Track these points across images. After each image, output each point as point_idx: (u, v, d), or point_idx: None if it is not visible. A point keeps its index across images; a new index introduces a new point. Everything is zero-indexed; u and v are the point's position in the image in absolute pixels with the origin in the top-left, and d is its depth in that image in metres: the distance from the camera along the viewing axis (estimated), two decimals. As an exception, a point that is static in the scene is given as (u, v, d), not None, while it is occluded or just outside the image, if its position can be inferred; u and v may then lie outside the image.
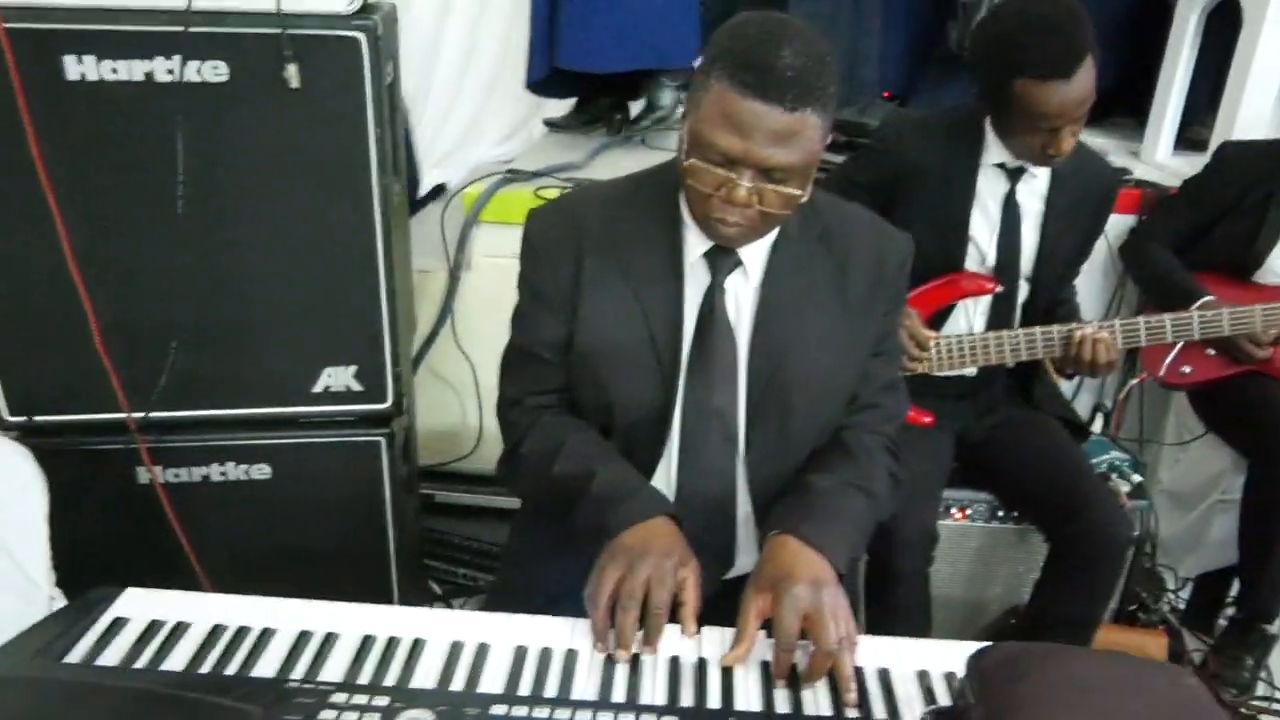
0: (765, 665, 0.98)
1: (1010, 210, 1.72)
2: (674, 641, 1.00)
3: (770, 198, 1.02)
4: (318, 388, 1.54)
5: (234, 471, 1.57)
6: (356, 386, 1.54)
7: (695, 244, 1.14)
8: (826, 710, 0.92)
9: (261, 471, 1.58)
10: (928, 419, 1.80)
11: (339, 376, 1.53)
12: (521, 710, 0.86)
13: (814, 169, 1.05)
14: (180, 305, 1.44)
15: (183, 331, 1.44)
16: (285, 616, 1.03)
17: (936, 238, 1.74)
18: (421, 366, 2.24)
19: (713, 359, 1.15)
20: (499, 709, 0.86)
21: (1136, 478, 1.85)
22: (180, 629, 1.00)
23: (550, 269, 1.16)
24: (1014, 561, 1.87)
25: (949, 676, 0.96)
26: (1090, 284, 2.40)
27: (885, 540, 1.61)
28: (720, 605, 1.05)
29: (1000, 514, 1.84)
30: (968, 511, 1.84)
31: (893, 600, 1.63)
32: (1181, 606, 2.28)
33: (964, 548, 1.86)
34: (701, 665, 0.97)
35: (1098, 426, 2.28)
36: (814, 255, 1.17)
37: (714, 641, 1.00)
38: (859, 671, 0.96)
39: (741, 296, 1.16)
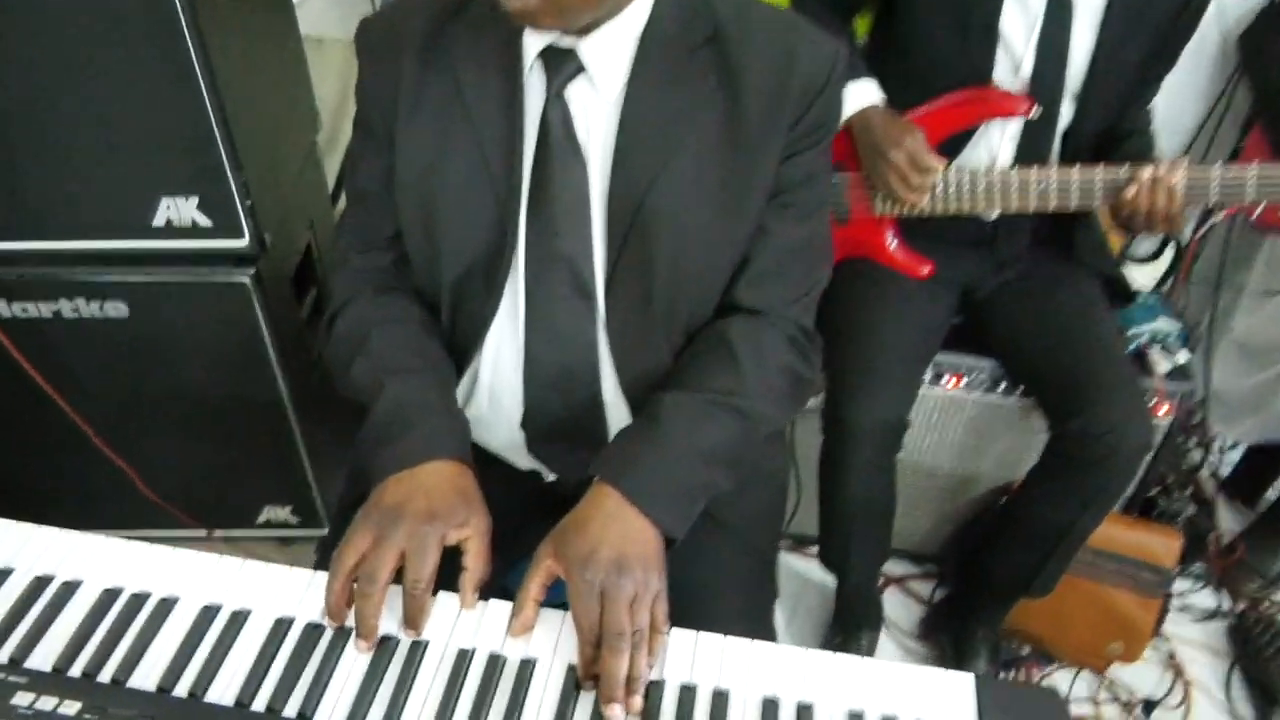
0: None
1: (1058, 2, 1.29)
2: (465, 631, 0.83)
3: None
4: (158, 220, 1.32)
5: (86, 308, 1.41)
6: (204, 220, 1.32)
7: (532, 43, 0.91)
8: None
9: (117, 309, 1.42)
10: (925, 269, 1.51)
11: (180, 209, 1.31)
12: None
13: None
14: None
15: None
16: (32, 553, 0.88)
17: (955, 38, 1.36)
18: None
19: (556, 191, 0.93)
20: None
21: (1182, 355, 1.55)
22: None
23: (372, 87, 0.98)
24: (1012, 437, 1.63)
25: (803, 711, 0.77)
26: (1191, 82, 1.93)
27: (838, 430, 1.40)
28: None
29: (1003, 386, 1.57)
30: (964, 379, 1.58)
31: (845, 494, 1.44)
32: (1226, 472, 2.04)
33: (956, 418, 1.63)
34: (495, 664, 0.80)
35: (1167, 259, 1.92)
36: (697, 64, 0.91)
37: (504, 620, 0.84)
38: (657, 686, 0.78)
39: (596, 114, 0.92)
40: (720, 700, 0.77)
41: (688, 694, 0.78)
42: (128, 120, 1.22)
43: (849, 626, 1.67)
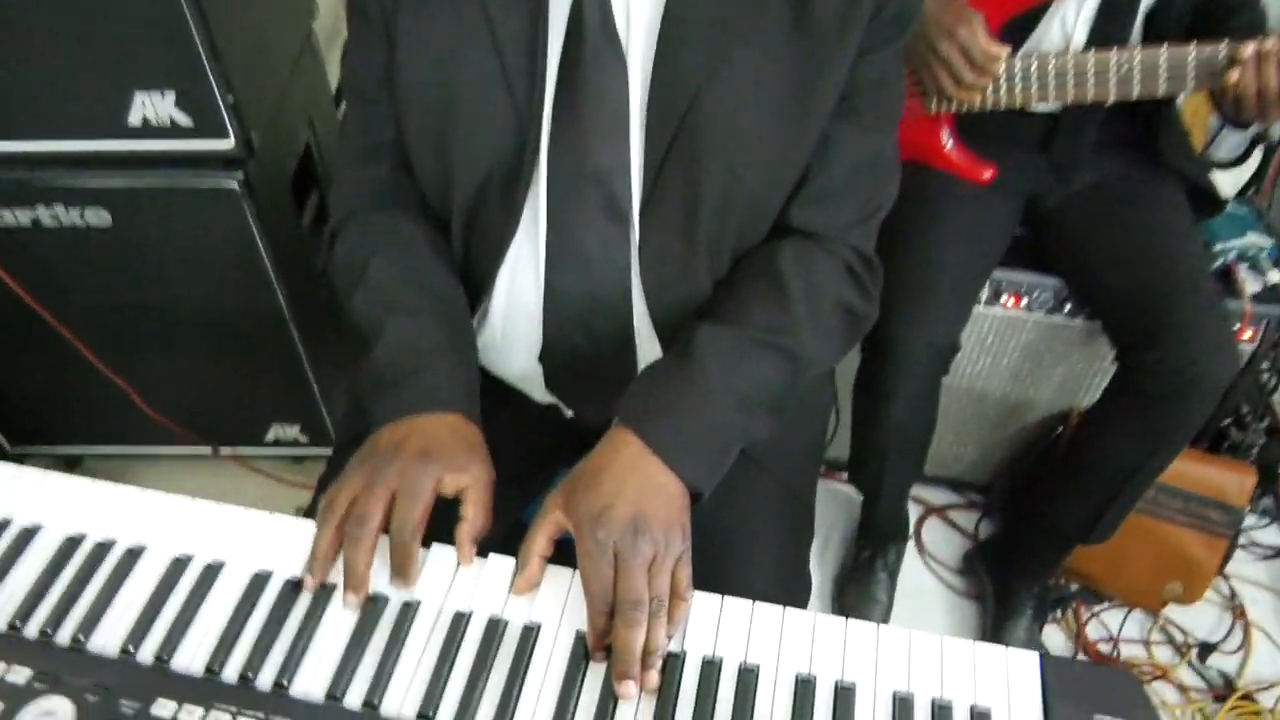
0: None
1: None
2: (462, 591, 0.74)
3: None
4: (133, 119, 1.21)
5: (66, 216, 1.31)
6: (183, 119, 1.20)
7: None
8: None
9: (99, 217, 1.32)
10: (987, 173, 1.36)
11: (157, 106, 1.19)
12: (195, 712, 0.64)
13: None
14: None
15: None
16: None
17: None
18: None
19: (587, 94, 0.80)
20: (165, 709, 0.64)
21: (1275, 275, 1.39)
22: None
23: None
24: (1074, 363, 1.51)
25: (842, 692, 0.68)
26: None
27: (881, 353, 1.28)
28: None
29: (1067, 307, 1.44)
30: (1024, 299, 1.45)
31: (884, 421, 1.34)
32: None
33: (1013, 340, 1.50)
34: (495, 629, 0.71)
35: (1254, 162, 1.75)
36: None
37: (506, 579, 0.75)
38: (677, 660, 0.70)
39: (637, 4, 0.79)
40: (748, 677, 0.69)
41: (711, 669, 0.69)
42: (93, 3, 1.10)
43: (876, 539, 1.59)
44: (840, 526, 1.75)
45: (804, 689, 0.68)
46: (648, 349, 0.92)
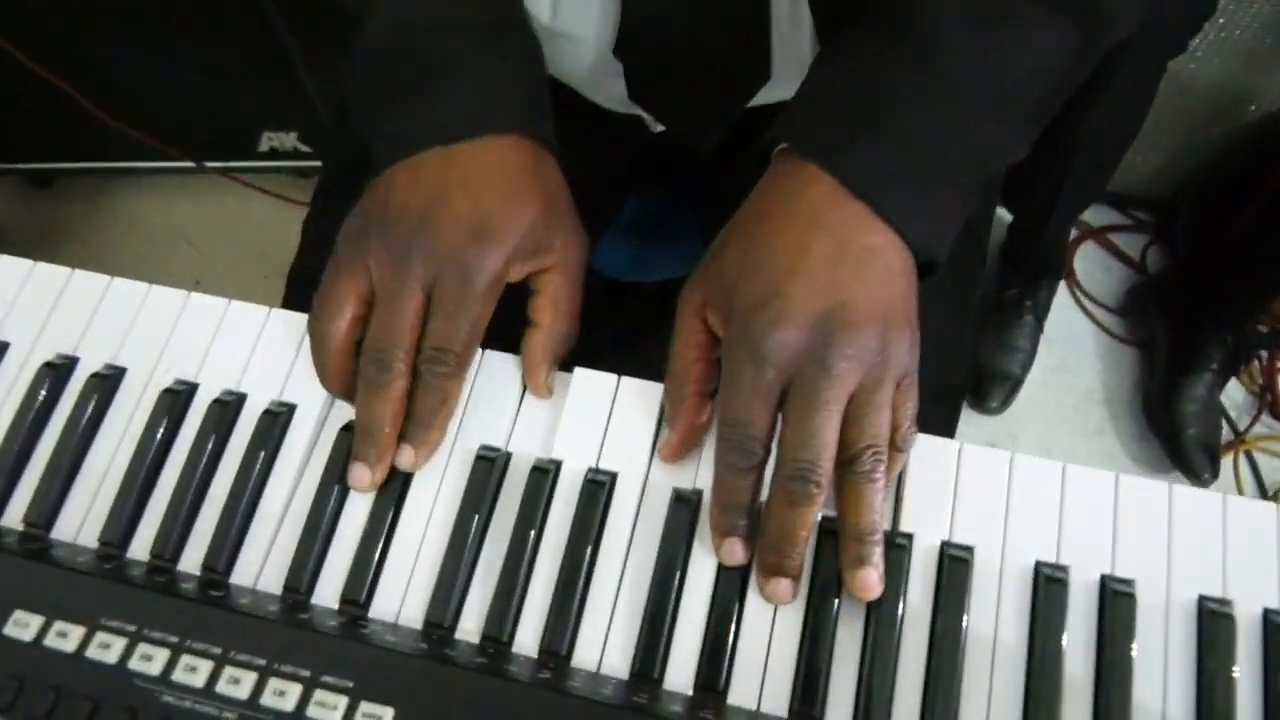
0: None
1: None
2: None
3: None
4: None
5: None
6: None
7: None
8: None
9: None
10: None
11: None
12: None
13: None
14: None
15: None
16: None
17: None
18: None
19: None
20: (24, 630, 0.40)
21: None
22: None
23: None
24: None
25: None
26: None
27: (1099, 19, 0.89)
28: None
29: (1358, -49, 1.02)
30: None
31: (1077, 120, 0.99)
32: None
33: (1255, 6, 1.09)
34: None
35: None
36: None
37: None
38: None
39: None
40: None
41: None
42: None
43: (1027, 275, 1.30)
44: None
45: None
46: (787, 25, 0.57)
